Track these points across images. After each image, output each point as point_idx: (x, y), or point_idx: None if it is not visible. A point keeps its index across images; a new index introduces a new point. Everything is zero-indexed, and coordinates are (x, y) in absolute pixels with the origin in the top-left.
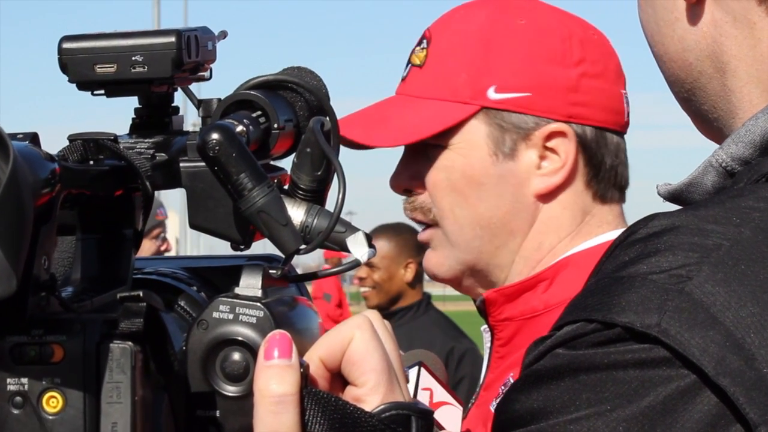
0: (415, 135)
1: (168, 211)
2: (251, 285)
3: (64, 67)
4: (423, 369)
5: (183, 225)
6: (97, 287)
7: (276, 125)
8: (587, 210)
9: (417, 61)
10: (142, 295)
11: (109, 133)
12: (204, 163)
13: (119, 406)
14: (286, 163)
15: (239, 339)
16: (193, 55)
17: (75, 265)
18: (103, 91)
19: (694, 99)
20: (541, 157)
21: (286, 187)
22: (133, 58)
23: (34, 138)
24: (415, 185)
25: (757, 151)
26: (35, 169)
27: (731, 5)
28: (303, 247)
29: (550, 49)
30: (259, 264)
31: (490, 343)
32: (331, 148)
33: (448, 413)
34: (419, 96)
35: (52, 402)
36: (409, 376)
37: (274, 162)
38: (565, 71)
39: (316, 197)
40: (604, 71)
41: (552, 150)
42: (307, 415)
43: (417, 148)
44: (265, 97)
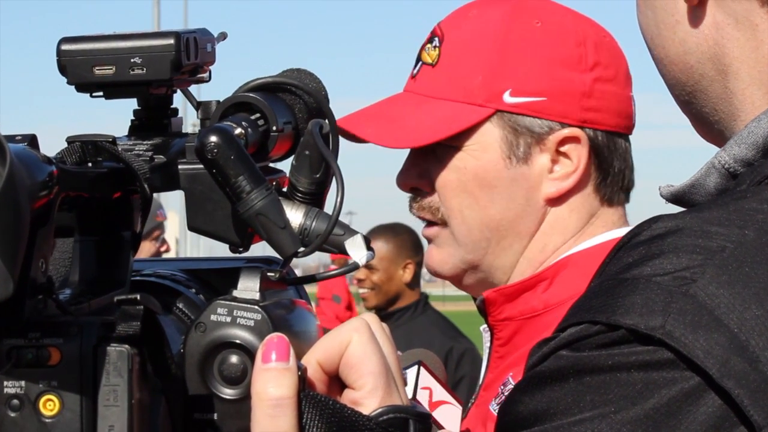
0: (430, 137)
1: (168, 211)
2: (249, 288)
3: (63, 69)
4: (422, 368)
5: (183, 225)
6: (95, 289)
7: (275, 128)
8: (593, 212)
9: (429, 60)
10: (139, 297)
11: (108, 135)
12: (202, 166)
13: (116, 409)
14: (285, 165)
15: (237, 342)
16: (192, 57)
17: (73, 267)
18: (101, 93)
19: (695, 102)
20: (554, 161)
21: (284, 189)
22: (131, 60)
23: (33, 140)
24: (423, 184)
25: (760, 153)
26: (32, 172)
27: (733, 7)
28: (301, 249)
29: (566, 54)
30: (257, 267)
31: (489, 343)
32: (330, 151)
33: (448, 412)
34: (432, 96)
35: (49, 405)
36: (409, 375)
37: (272, 164)
38: (580, 76)
39: (314, 200)
40: (616, 75)
41: (564, 155)
42: (305, 418)
43: (426, 147)
44: (264, 100)
